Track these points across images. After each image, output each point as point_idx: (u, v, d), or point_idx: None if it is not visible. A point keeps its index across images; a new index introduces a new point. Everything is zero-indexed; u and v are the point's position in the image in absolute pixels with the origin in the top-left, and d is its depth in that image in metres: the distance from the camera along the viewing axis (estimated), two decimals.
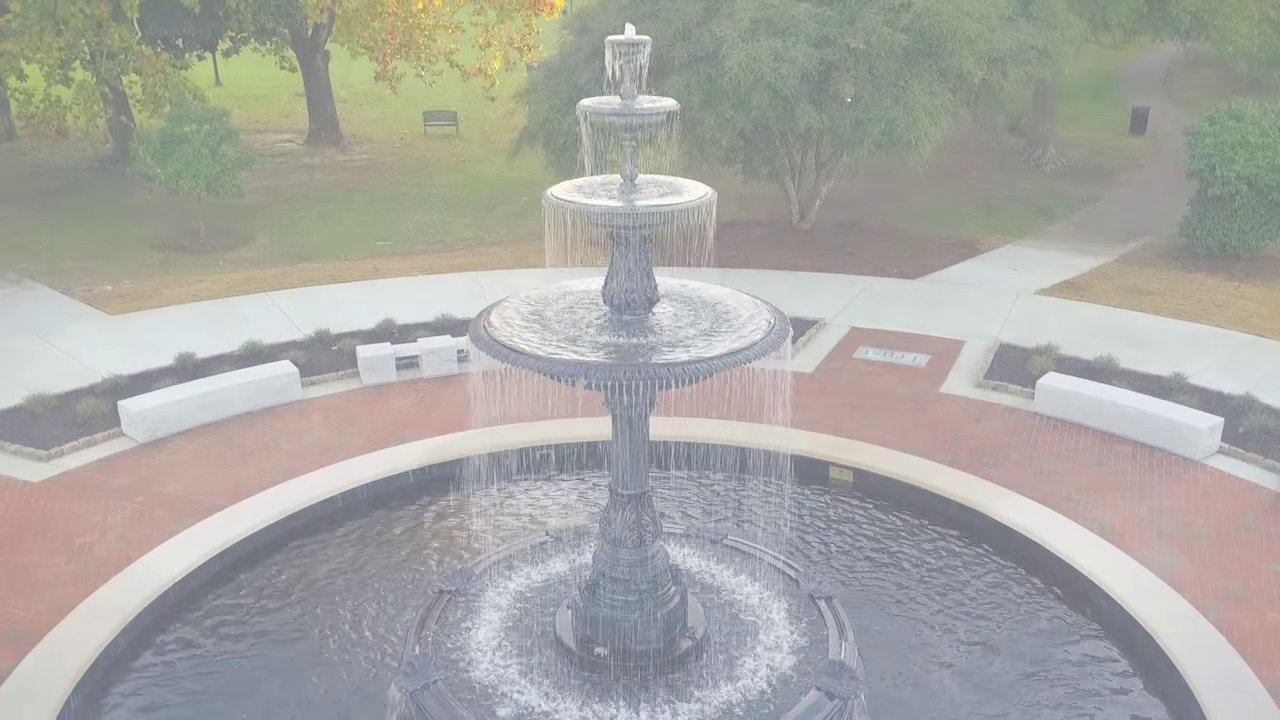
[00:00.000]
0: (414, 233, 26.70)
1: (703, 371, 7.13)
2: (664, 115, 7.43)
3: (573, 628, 8.83)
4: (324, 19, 30.10)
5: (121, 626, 10.10)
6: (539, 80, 22.59)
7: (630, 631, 8.49)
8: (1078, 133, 39.55)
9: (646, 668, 8.53)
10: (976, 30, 18.93)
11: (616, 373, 7.07)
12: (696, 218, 7.46)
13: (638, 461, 8.36)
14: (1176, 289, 21.84)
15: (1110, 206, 29.51)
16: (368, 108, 45.82)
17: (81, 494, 13.32)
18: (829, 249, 24.27)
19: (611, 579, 8.59)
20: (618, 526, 8.48)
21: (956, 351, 17.98)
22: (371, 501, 13.14)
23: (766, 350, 7.40)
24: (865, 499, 13.21)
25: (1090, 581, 11.01)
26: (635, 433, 8.25)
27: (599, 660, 8.56)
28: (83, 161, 34.73)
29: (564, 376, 7.16)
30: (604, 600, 8.63)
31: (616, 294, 7.90)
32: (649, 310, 7.99)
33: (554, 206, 7.50)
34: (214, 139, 23.86)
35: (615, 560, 8.55)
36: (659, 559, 8.71)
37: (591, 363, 7.14)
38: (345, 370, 17.03)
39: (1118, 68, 60.32)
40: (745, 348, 7.39)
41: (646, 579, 8.55)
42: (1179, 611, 10.47)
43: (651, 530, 8.55)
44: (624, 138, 7.50)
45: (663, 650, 8.65)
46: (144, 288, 21.99)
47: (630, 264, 7.79)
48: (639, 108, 7.37)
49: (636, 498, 8.47)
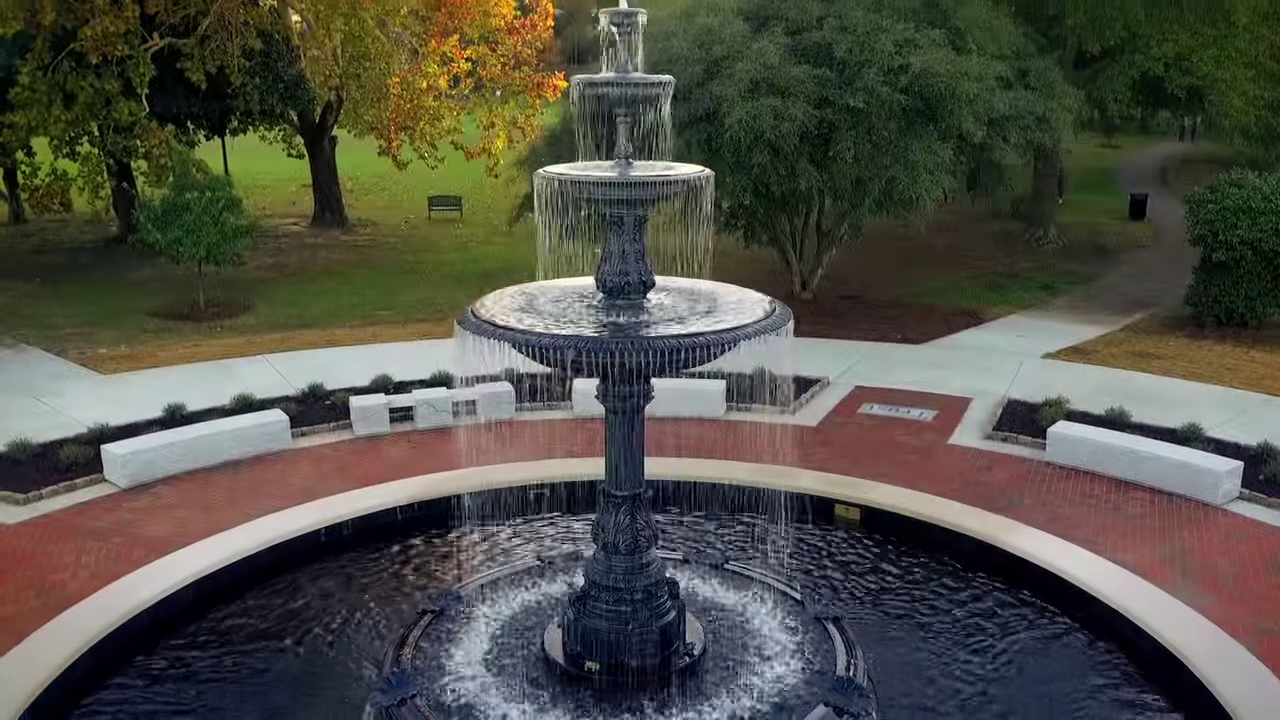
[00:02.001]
0: (415, 305, 26.57)
1: (702, 346, 6.74)
2: (660, 87, 7.22)
3: (562, 644, 8.26)
4: (330, 96, 30.53)
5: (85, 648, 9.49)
6: (541, 147, 22.74)
7: (624, 645, 7.91)
8: (1078, 218, 39.84)
9: (641, 685, 7.93)
10: (975, 90, 19.05)
11: (609, 345, 6.69)
12: (695, 198, 7.17)
13: (632, 460, 7.92)
14: (1185, 354, 21.51)
15: (1113, 282, 29.42)
16: (373, 195, 46.42)
17: (57, 535, 12.80)
18: (831, 317, 24.06)
19: (604, 588, 8.05)
20: (611, 531, 7.99)
21: (964, 407, 17.58)
22: (359, 536, 12.61)
23: (769, 329, 7.04)
24: (874, 537, 12.65)
25: (1116, 610, 10.39)
26: (630, 428, 7.83)
27: (589, 676, 7.97)
28: (87, 242, 34.97)
29: (552, 353, 6.79)
30: (595, 612, 8.08)
31: (610, 277, 7.58)
32: (644, 296, 7.66)
33: (547, 181, 7.23)
34: (216, 206, 23.89)
35: (608, 568, 8.04)
36: (655, 568, 8.19)
37: (582, 336, 6.78)
38: (338, 422, 16.62)
39: (1116, 164, 61.45)
40: (747, 324, 7.03)
41: (641, 588, 8.03)
42: (1210, 637, 9.83)
43: (647, 535, 8.06)
44: (619, 112, 7.29)
45: (659, 666, 8.05)
46: (139, 351, 21.75)
47: (625, 245, 7.50)
48: (634, 78, 7.17)
49: (630, 499, 8.01)
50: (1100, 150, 65.80)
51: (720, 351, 6.95)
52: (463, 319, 7.33)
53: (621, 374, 6.85)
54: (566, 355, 6.69)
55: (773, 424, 16.67)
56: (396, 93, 29.96)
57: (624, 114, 7.33)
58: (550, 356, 6.80)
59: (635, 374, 6.85)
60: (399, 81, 29.69)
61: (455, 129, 31.56)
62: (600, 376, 7.25)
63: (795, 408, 17.42)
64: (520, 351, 7.02)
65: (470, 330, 7.06)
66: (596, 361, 6.84)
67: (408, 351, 21.00)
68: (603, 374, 7.04)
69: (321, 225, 37.59)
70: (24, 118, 25.40)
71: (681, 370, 7.06)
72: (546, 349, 6.75)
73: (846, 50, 19.56)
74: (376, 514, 12.55)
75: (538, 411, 17.27)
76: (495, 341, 6.96)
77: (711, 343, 6.81)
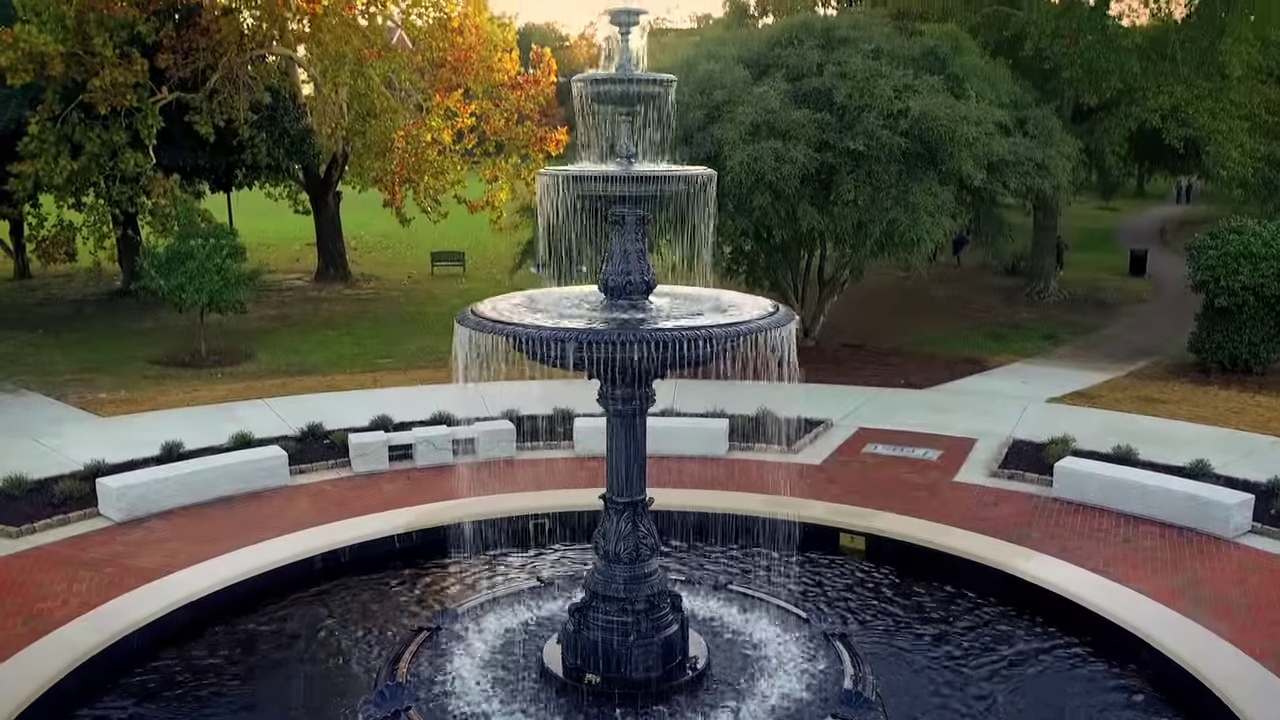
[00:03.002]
0: (416, 352, 26.52)
1: (705, 339, 6.64)
2: (661, 85, 7.22)
3: (561, 657, 8.02)
4: (336, 148, 30.86)
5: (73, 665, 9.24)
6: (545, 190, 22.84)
7: (625, 657, 7.68)
8: (1078, 274, 39.95)
9: (642, 698, 7.68)
10: (974, 134, 19.19)
11: (611, 336, 6.59)
12: (695, 194, 7.13)
13: (634, 466, 7.78)
14: (1190, 398, 21.37)
15: (1116, 332, 29.40)
16: (376, 253, 46.68)
17: (48, 566, 12.58)
18: (833, 363, 23.97)
19: (605, 598, 7.85)
20: (612, 539, 7.81)
21: (968, 447, 17.41)
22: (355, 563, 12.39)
23: (772, 326, 6.94)
24: (881, 566, 12.40)
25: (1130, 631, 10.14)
26: (631, 433, 7.70)
27: (589, 689, 7.72)
28: (90, 295, 35.07)
29: (552, 346, 6.69)
30: (596, 623, 7.87)
31: (612, 277, 7.52)
32: (646, 296, 7.58)
33: (549, 179, 7.20)
34: (219, 254, 23.97)
35: (610, 577, 7.84)
36: (657, 579, 8.00)
37: (582, 328, 6.69)
38: (336, 460, 16.47)
39: (1114, 225, 61.89)
40: (751, 319, 6.93)
41: (643, 598, 7.82)
42: (1231, 659, 9.57)
43: (649, 544, 7.88)
44: (620, 112, 7.28)
45: (661, 679, 7.81)
46: (138, 396, 21.65)
47: (627, 245, 7.44)
48: (635, 75, 7.18)
49: (632, 506, 7.85)
50: (1098, 212, 66.36)
51: (725, 346, 6.85)
52: (462, 317, 7.26)
53: (624, 368, 6.75)
54: (567, 347, 6.58)
55: (776, 462, 16.49)
56: (401, 146, 30.29)
57: (626, 113, 7.32)
58: (550, 350, 6.70)
59: (638, 368, 6.73)
60: (404, 135, 30.04)
61: (459, 182, 31.87)
62: (602, 373, 7.14)
63: (799, 447, 17.26)
64: (520, 349, 6.93)
65: (470, 327, 6.98)
66: (598, 355, 6.73)
67: (408, 395, 20.88)
68: (605, 369, 6.92)
69: (325, 280, 37.73)
70: (31, 167, 25.62)
71: (687, 366, 6.94)
72: (547, 342, 6.65)
73: (846, 95, 19.77)
74: (374, 541, 12.28)
75: (539, 451, 17.11)
76: (493, 338, 6.85)
77: (716, 335, 6.71)
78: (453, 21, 31.24)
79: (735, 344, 6.82)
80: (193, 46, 28.05)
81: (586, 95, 7.29)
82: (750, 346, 7.08)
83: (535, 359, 6.95)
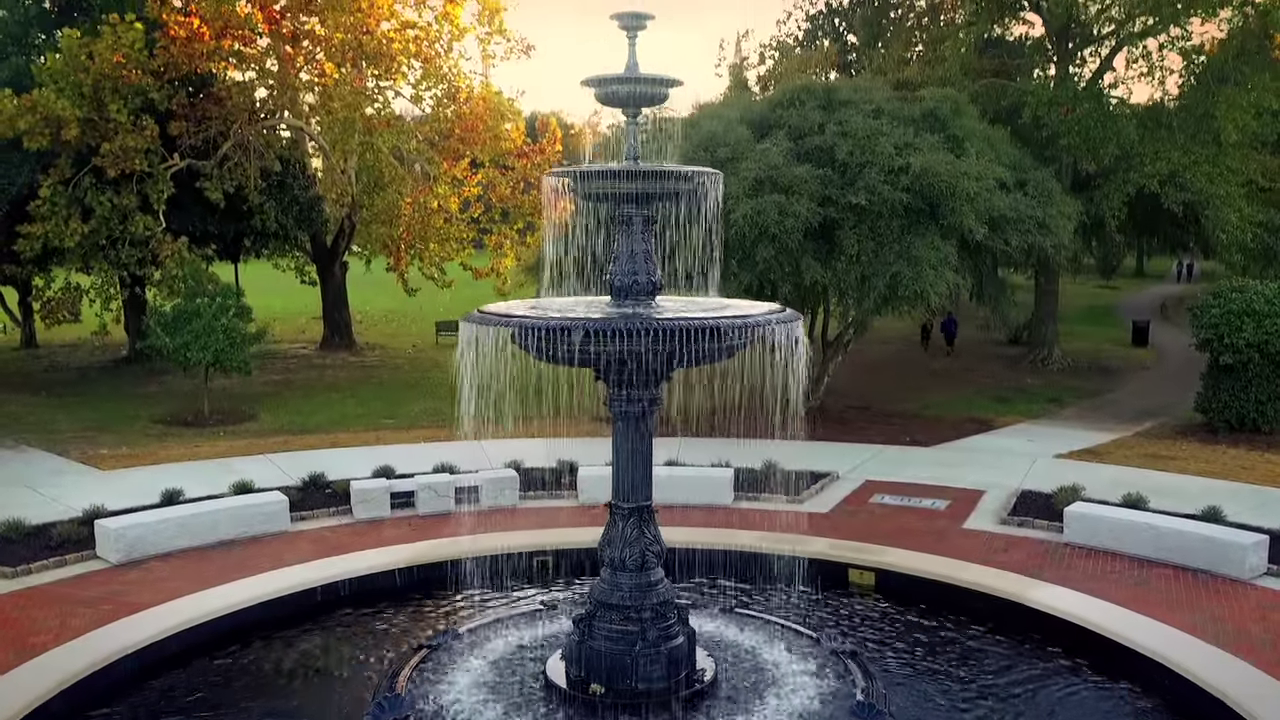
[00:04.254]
0: (420, 414, 26.43)
1: (714, 329, 6.60)
2: (667, 85, 7.31)
3: (565, 669, 7.81)
4: (343, 213, 31.22)
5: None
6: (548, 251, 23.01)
7: (631, 668, 7.48)
8: (1081, 344, 39.99)
9: (648, 710, 7.45)
10: (975, 188, 19.40)
11: (619, 325, 6.56)
12: (703, 195, 7.16)
13: (640, 470, 7.68)
14: (1199, 455, 21.19)
15: (1121, 396, 29.29)
16: (382, 325, 46.92)
17: (43, 603, 12.38)
18: (838, 424, 23.86)
19: (610, 606, 7.68)
20: (618, 546, 7.68)
21: (976, 498, 17.24)
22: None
23: (779, 322, 6.90)
24: (891, 600, 12.14)
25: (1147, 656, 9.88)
26: (637, 435, 7.61)
27: (593, 700, 7.50)
28: (96, 363, 35.16)
29: (559, 336, 6.65)
30: (601, 633, 7.68)
31: (618, 277, 7.51)
32: (652, 298, 7.57)
33: (557, 180, 7.25)
34: (225, 313, 24.08)
35: (615, 585, 7.68)
36: (663, 588, 7.83)
37: (590, 317, 6.66)
38: (338, 507, 16.31)
39: (1114, 302, 62.21)
40: (758, 314, 6.90)
41: (650, 607, 7.64)
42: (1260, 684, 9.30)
43: (655, 551, 7.73)
44: (628, 113, 7.36)
45: (667, 691, 7.59)
46: (140, 451, 21.54)
47: (634, 245, 7.46)
48: (644, 75, 7.27)
49: (638, 512, 7.72)
50: (1098, 290, 66.82)
51: (734, 341, 6.80)
52: (468, 316, 7.23)
53: (631, 360, 6.69)
54: (574, 336, 6.54)
55: (782, 511, 16.30)
56: (408, 213, 30.69)
57: (633, 115, 7.40)
58: (556, 343, 6.65)
59: (646, 359, 6.68)
60: (410, 203, 30.45)
61: (465, 249, 32.20)
62: (608, 365, 7.08)
63: (805, 497, 17.08)
64: (526, 347, 6.89)
65: (475, 323, 6.95)
66: (604, 346, 6.69)
67: (411, 450, 20.78)
68: (611, 362, 6.86)
69: (330, 348, 37.84)
70: (41, 229, 25.91)
71: (695, 362, 6.89)
72: (552, 332, 6.62)
73: (847, 152, 20.05)
74: (375, 575, 12.08)
75: (542, 500, 16.94)
76: (497, 341, 6.82)
77: (724, 327, 6.67)
78: (461, 94, 31.90)
79: (743, 337, 6.77)
80: (205, 115, 28.59)
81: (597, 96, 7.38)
82: (758, 346, 7.02)
83: (541, 356, 6.90)
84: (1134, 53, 31.27)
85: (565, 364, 6.89)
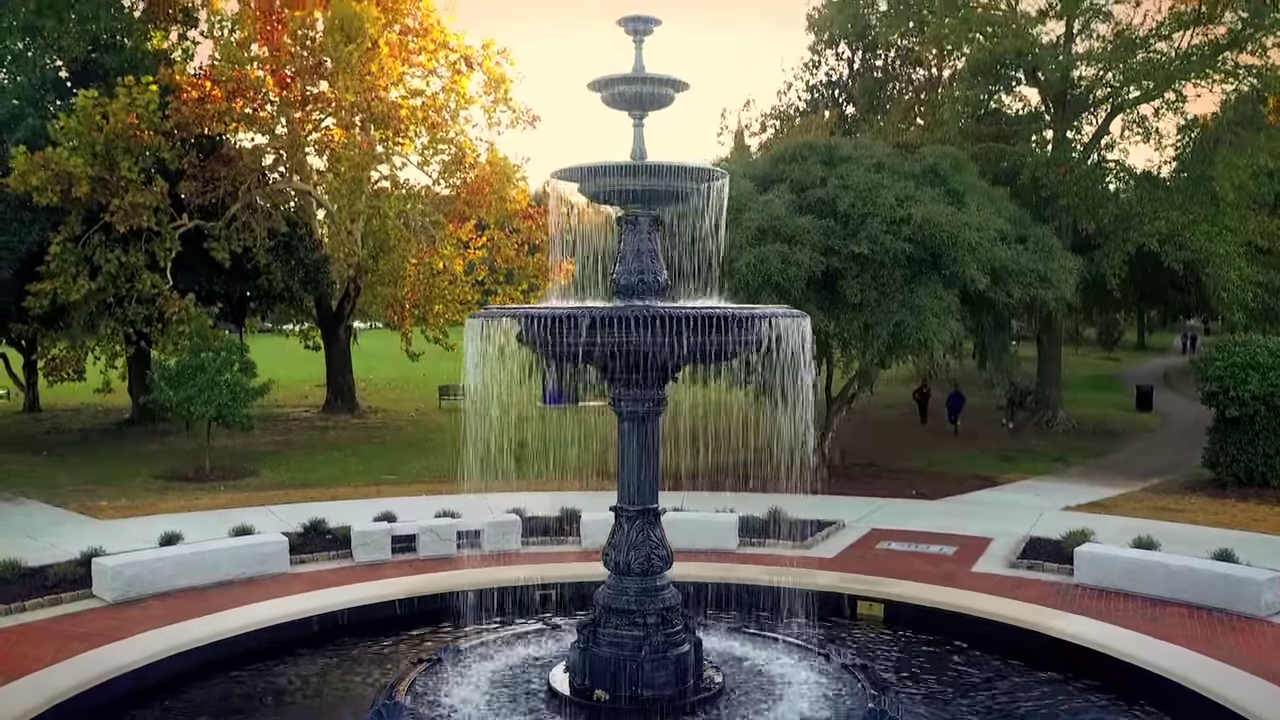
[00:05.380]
0: (422, 470, 26.28)
1: (723, 318, 6.58)
2: (674, 89, 7.41)
3: (568, 678, 7.62)
4: (350, 273, 31.43)
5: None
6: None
7: (636, 674, 7.30)
8: (1085, 409, 39.87)
9: (655, 717, 7.25)
10: (976, 238, 19.54)
11: (627, 314, 6.55)
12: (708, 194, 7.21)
13: (646, 471, 7.59)
14: (1208, 509, 20.97)
15: (1127, 456, 29.11)
16: (385, 391, 46.94)
17: (37, 638, 12.15)
18: (844, 478, 23.67)
19: (614, 611, 7.53)
20: (623, 549, 7.56)
21: (985, 545, 17.03)
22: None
23: (786, 315, 6.89)
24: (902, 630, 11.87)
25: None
26: (644, 436, 7.55)
27: (597, 706, 7.30)
28: (98, 425, 35.10)
29: (565, 324, 6.63)
30: (605, 639, 7.51)
31: (623, 276, 7.52)
32: (659, 297, 7.56)
33: (562, 177, 7.30)
34: (230, 367, 24.11)
35: (620, 590, 7.55)
36: (669, 594, 7.69)
37: (596, 306, 6.65)
38: (338, 551, 16.12)
39: (1117, 372, 62.21)
40: (766, 308, 6.90)
41: (655, 611, 7.49)
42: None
43: (661, 555, 7.61)
44: (634, 114, 7.44)
45: (673, 699, 7.39)
46: (140, 503, 21.39)
47: (640, 244, 7.48)
48: (650, 75, 7.37)
49: (644, 515, 7.61)
50: (1100, 361, 66.89)
51: (742, 335, 6.77)
52: (475, 314, 7.23)
53: (638, 352, 6.66)
54: (580, 323, 6.52)
55: (788, 555, 16.08)
56: (412, 274, 30.90)
57: (639, 117, 7.49)
58: (563, 333, 6.63)
59: (653, 351, 6.64)
60: (415, 264, 30.69)
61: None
62: (614, 359, 7.03)
63: (811, 543, 16.88)
64: (531, 341, 6.87)
65: (484, 315, 6.94)
66: (611, 338, 6.67)
67: (413, 502, 20.59)
68: (618, 355, 6.83)
69: (333, 411, 37.80)
70: (49, 285, 26.09)
71: (703, 359, 6.85)
72: (560, 321, 6.60)
73: (849, 204, 20.24)
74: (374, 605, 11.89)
75: (544, 546, 16.73)
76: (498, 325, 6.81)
77: (730, 316, 6.66)
78: (467, 159, 32.37)
79: (750, 332, 6.74)
80: (214, 176, 28.98)
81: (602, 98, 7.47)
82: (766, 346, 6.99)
83: (546, 351, 6.87)
84: (1129, 118, 31.81)
85: (571, 360, 6.84)
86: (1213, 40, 29.39)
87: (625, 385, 7.33)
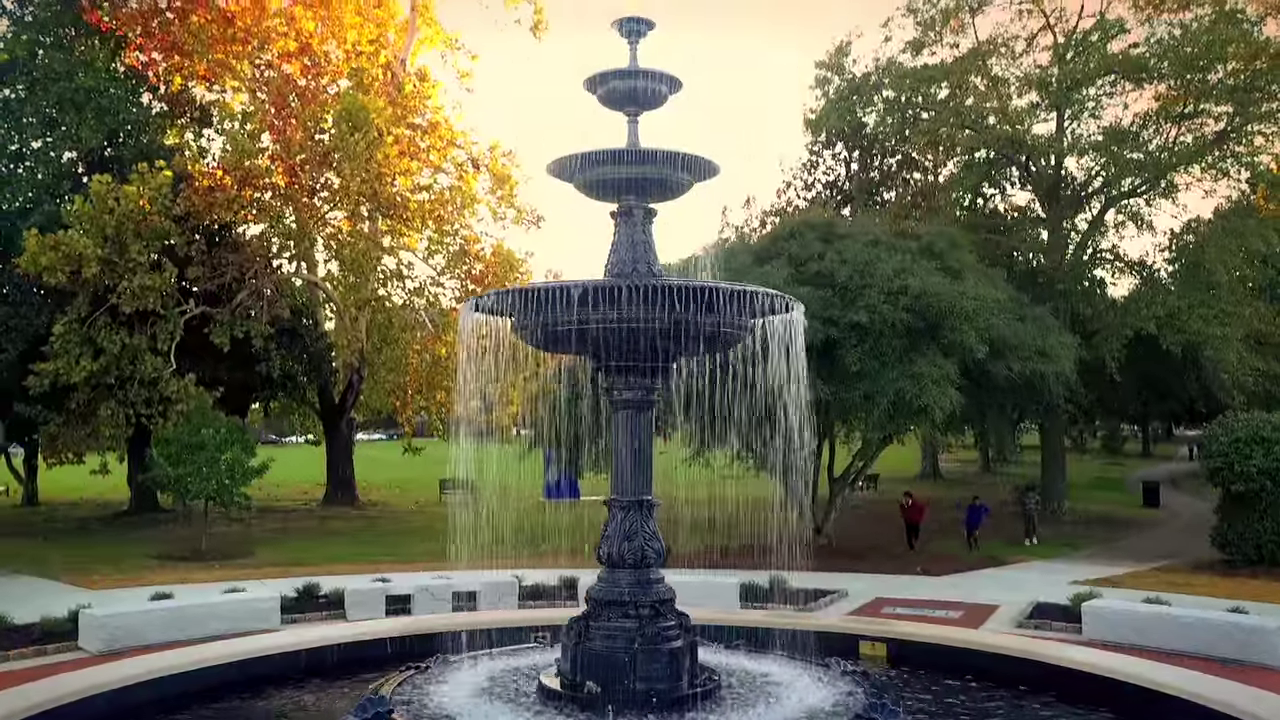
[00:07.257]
0: (421, 554, 25.87)
1: (714, 294, 6.62)
2: (668, 86, 7.59)
3: (558, 674, 7.40)
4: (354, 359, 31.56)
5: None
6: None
7: (629, 666, 7.10)
8: (1091, 506, 39.45)
9: (649, 712, 7.01)
10: (974, 306, 19.69)
11: (616, 284, 6.60)
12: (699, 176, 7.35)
13: (639, 461, 7.52)
14: (1219, 584, 20.57)
15: (1135, 543, 28.69)
16: (386, 489, 46.64)
17: (15, 682, 11.82)
18: (847, 557, 23.32)
19: (607, 603, 7.37)
20: (616, 541, 7.45)
21: (992, 610, 16.73)
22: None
23: (781, 296, 6.94)
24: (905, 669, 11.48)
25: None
26: (637, 426, 7.51)
27: (590, 701, 7.07)
28: (96, 516, 34.83)
29: (558, 297, 6.68)
30: (598, 632, 7.32)
31: (617, 267, 7.58)
32: None
33: (560, 163, 7.43)
34: (230, 445, 24.04)
35: (612, 582, 7.40)
36: (663, 588, 7.54)
37: (591, 281, 6.71)
38: (331, 612, 15.83)
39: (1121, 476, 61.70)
40: (762, 288, 6.95)
41: (648, 603, 7.32)
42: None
43: (655, 548, 7.49)
44: (629, 110, 7.62)
45: (667, 694, 7.16)
46: (133, 576, 21.16)
47: (634, 234, 7.57)
48: (645, 69, 7.56)
49: (637, 505, 7.51)
50: (1105, 466, 66.34)
51: (738, 318, 6.79)
52: (467, 305, 7.29)
53: (632, 334, 6.68)
54: (573, 294, 6.57)
55: (791, 620, 15.73)
56: (415, 362, 31.07)
57: (634, 114, 7.66)
58: (555, 303, 6.67)
59: (647, 332, 6.66)
60: (417, 351, 30.90)
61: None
62: (607, 342, 7.02)
63: (813, 609, 16.53)
64: (523, 327, 6.91)
65: (473, 309, 7.00)
66: (602, 315, 6.70)
67: (409, 575, 20.25)
68: (611, 338, 6.84)
69: (332, 503, 37.50)
70: (52, 366, 26.21)
71: (700, 345, 6.85)
72: (553, 292, 6.65)
73: (847, 276, 20.48)
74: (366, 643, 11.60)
75: (541, 610, 16.40)
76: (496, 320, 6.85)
77: (723, 292, 6.71)
78: (472, 251, 32.86)
79: (746, 308, 6.78)
80: (221, 263, 29.40)
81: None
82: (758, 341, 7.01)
83: (542, 339, 6.90)
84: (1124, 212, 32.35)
85: (563, 348, 6.87)
86: (1200, 137, 30.12)
87: (618, 372, 7.32)
